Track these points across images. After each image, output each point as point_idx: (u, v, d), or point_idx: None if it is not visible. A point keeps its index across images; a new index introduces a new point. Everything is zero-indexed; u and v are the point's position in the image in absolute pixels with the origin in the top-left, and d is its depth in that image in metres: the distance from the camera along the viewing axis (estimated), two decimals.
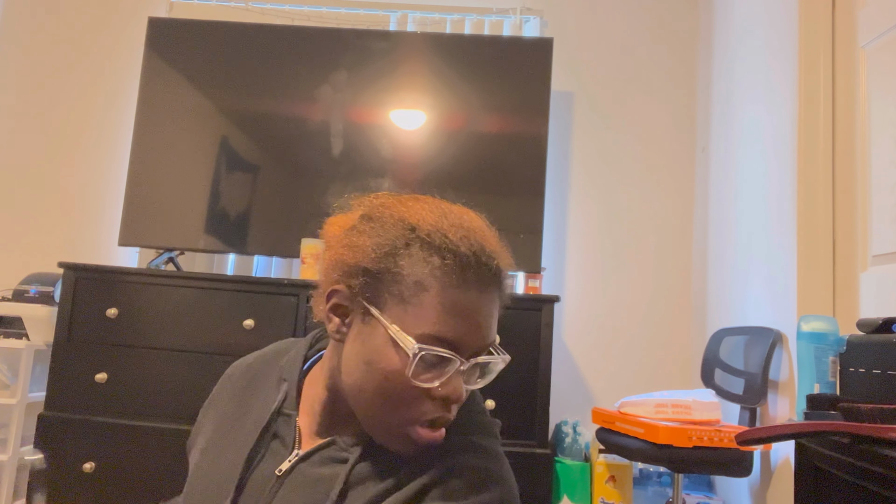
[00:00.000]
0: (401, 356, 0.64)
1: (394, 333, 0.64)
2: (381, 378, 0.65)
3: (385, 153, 2.41)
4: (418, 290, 0.65)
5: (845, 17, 1.87)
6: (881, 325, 1.24)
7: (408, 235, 0.67)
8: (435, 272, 0.65)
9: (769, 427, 1.05)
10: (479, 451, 0.70)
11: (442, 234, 0.66)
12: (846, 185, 1.82)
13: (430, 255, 0.65)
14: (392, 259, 0.66)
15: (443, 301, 0.64)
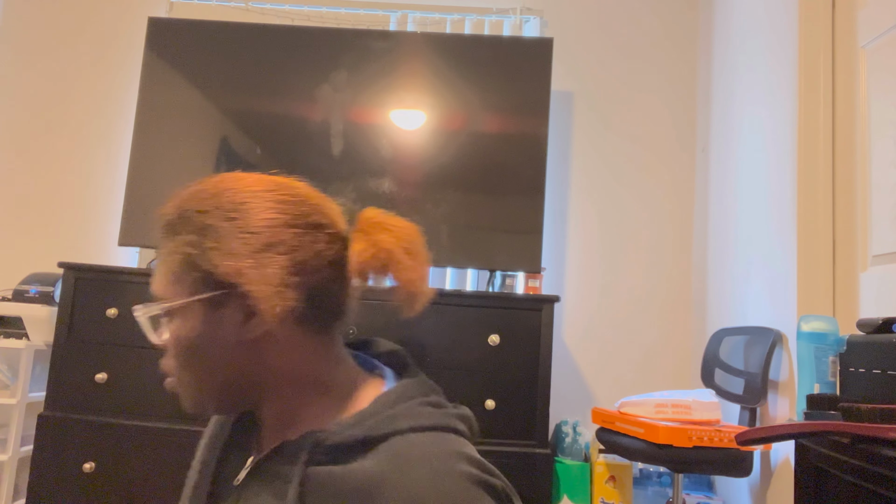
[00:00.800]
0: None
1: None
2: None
3: (385, 153, 2.41)
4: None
5: (845, 17, 1.87)
6: (881, 325, 1.24)
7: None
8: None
9: (769, 427, 1.05)
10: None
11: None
12: (846, 185, 1.82)
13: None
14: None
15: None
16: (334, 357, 0.72)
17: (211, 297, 0.65)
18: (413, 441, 0.62)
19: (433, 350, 2.04)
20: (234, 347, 0.67)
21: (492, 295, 2.10)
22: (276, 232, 0.66)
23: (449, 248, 2.34)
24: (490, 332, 2.04)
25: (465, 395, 2.01)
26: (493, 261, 2.34)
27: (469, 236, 2.35)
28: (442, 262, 2.35)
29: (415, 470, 0.59)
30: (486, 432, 2.00)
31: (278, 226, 0.67)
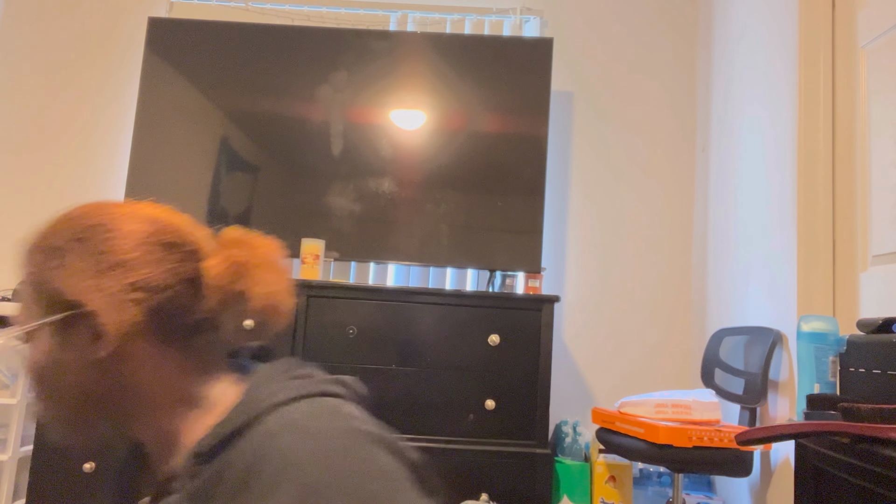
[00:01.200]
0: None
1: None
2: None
3: (385, 153, 2.41)
4: None
5: (845, 17, 1.87)
6: (881, 325, 1.24)
7: None
8: None
9: (769, 427, 1.05)
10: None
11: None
12: (846, 185, 1.82)
13: None
14: None
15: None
16: (201, 370, 0.70)
17: (60, 320, 0.65)
18: (282, 413, 0.61)
19: (433, 350, 2.04)
20: (87, 369, 0.66)
21: (492, 295, 2.10)
22: (123, 252, 0.66)
23: (449, 248, 2.34)
24: (490, 332, 2.05)
25: (465, 396, 2.01)
26: (493, 261, 2.34)
27: (469, 236, 2.35)
28: (442, 262, 2.35)
29: (289, 436, 0.57)
30: (486, 432, 2.00)
31: (127, 247, 0.67)
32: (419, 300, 2.06)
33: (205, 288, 0.69)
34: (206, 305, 0.70)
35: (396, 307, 2.06)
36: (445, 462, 1.95)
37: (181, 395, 0.69)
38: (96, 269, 0.65)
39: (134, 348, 0.67)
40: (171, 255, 0.69)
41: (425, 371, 2.03)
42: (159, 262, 0.68)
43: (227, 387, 0.71)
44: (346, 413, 0.62)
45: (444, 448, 1.97)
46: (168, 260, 0.68)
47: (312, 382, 0.66)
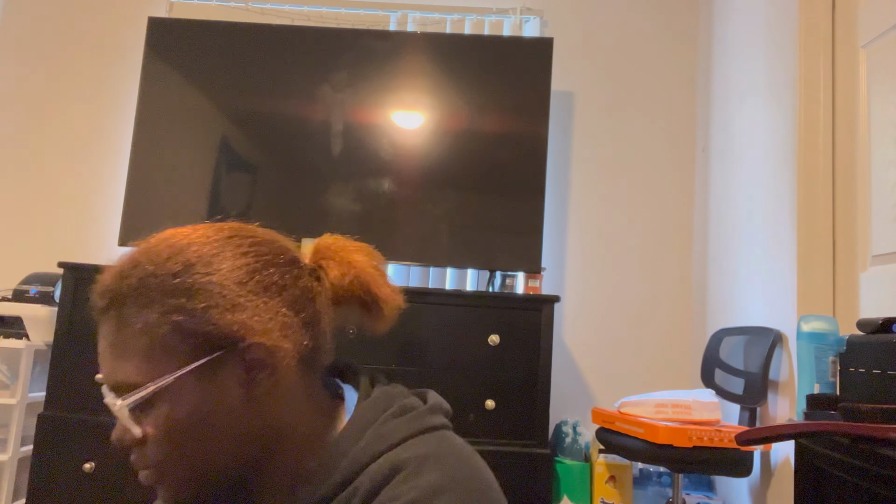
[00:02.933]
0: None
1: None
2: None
3: (385, 153, 2.41)
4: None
5: (845, 17, 1.87)
6: (881, 325, 1.24)
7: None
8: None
9: (769, 427, 1.05)
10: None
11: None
12: (846, 185, 1.82)
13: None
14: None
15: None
16: (319, 395, 0.67)
17: (207, 363, 0.59)
18: (399, 455, 0.60)
19: (433, 350, 2.04)
20: (243, 410, 0.61)
21: (492, 295, 2.10)
22: (263, 276, 0.62)
23: (449, 248, 2.34)
24: (490, 332, 2.04)
25: (465, 395, 2.01)
26: (493, 261, 2.34)
27: (469, 236, 2.35)
28: (442, 262, 2.35)
29: (419, 475, 0.57)
30: (486, 432, 2.00)
31: (261, 269, 0.63)
32: (419, 300, 2.06)
33: (329, 302, 0.67)
34: (330, 322, 0.67)
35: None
36: None
37: (314, 430, 0.65)
38: (247, 298, 0.60)
39: (288, 376, 0.62)
40: (298, 270, 0.66)
41: (425, 371, 2.03)
42: (296, 279, 0.65)
43: (331, 417, 0.67)
44: (458, 447, 0.62)
45: None
46: (301, 276, 0.65)
47: (416, 419, 0.64)
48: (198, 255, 0.62)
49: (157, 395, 0.59)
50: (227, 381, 0.60)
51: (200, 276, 0.60)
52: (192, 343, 0.59)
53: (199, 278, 0.60)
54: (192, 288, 0.60)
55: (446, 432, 0.65)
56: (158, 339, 0.59)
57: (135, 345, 0.59)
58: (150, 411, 0.59)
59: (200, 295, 0.59)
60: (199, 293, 0.59)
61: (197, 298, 0.59)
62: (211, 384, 0.60)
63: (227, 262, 0.62)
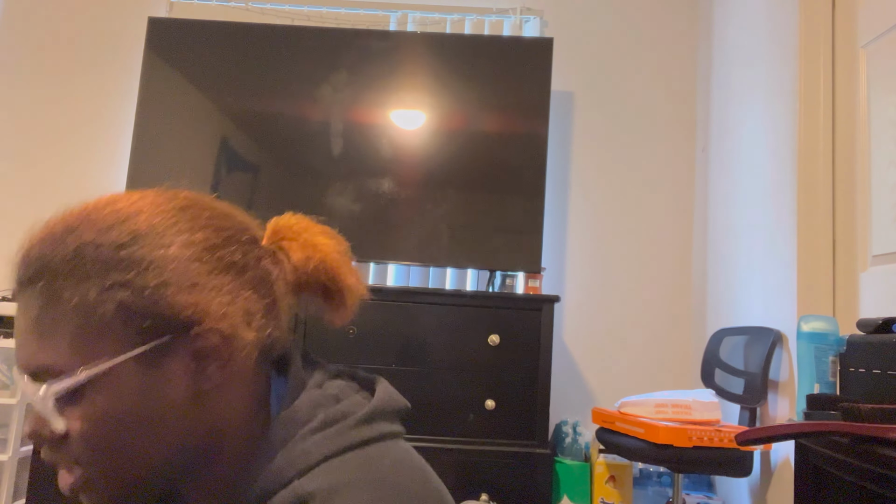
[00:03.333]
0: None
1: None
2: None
3: (385, 153, 2.41)
4: None
5: (845, 17, 1.87)
6: (881, 325, 1.24)
7: None
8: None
9: (769, 427, 1.05)
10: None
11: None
12: (846, 185, 1.82)
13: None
14: None
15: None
16: (265, 397, 0.59)
17: (151, 349, 0.50)
18: (306, 485, 0.50)
19: (433, 350, 2.04)
20: (186, 407, 0.52)
21: (492, 295, 2.10)
22: (223, 253, 0.54)
23: (449, 248, 2.34)
24: (490, 332, 2.05)
25: (465, 395, 2.01)
26: (493, 261, 2.34)
27: (469, 236, 2.35)
28: (442, 262, 2.35)
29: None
30: (486, 432, 2.00)
31: (221, 245, 0.54)
32: (419, 300, 2.06)
33: (288, 289, 0.58)
34: (285, 313, 0.58)
35: (396, 307, 2.06)
36: (445, 462, 1.95)
37: (253, 431, 0.56)
38: (209, 276, 0.52)
39: (236, 375, 0.54)
40: (259, 250, 0.58)
41: (425, 371, 2.03)
42: (257, 260, 0.56)
43: (260, 416, 0.58)
44: (382, 470, 0.51)
45: (444, 448, 1.97)
46: (263, 257, 0.57)
47: (344, 431, 0.54)
48: (149, 225, 0.53)
49: (89, 383, 0.50)
50: (173, 372, 0.51)
51: (151, 248, 0.51)
52: (137, 325, 0.50)
53: (149, 251, 0.51)
54: (142, 262, 0.51)
55: (380, 446, 0.54)
56: (96, 318, 0.50)
57: (65, 324, 0.50)
58: (78, 402, 0.50)
59: (151, 270, 0.50)
60: (149, 268, 0.50)
61: (147, 274, 0.50)
62: (153, 374, 0.51)
63: (182, 234, 0.53)
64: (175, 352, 0.52)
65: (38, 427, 0.51)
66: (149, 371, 0.51)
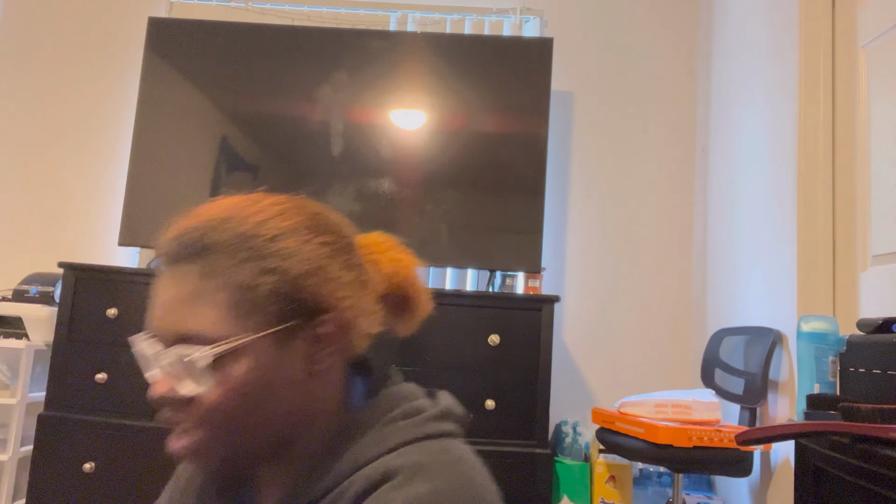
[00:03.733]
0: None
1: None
2: None
3: (385, 153, 2.41)
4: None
5: (845, 17, 1.87)
6: (881, 325, 1.24)
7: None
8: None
9: (769, 427, 1.05)
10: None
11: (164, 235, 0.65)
12: (846, 185, 1.82)
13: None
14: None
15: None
16: (348, 387, 0.67)
17: (286, 329, 0.58)
18: (393, 461, 0.57)
19: (433, 350, 2.04)
20: (299, 384, 0.60)
21: (492, 295, 2.10)
22: (347, 257, 0.62)
23: (449, 248, 2.34)
24: (490, 332, 2.05)
25: (465, 395, 2.01)
26: (493, 261, 2.34)
27: (469, 236, 2.35)
28: (442, 262, 2.35)
29: (404, 488, 0.54)
30: (487, 432, 2.00)
31: (345, 249, 0.63)
32: None
33: (376, 296, 0.67)
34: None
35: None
36: None
37: (337, 422, 0.63)
38: (346, 272, 0.61)
39: (338, 364, 0.63)
40: (359, 258, 0.66)
41: (425, 371, 2.03)
42: (371, 264, 0.66)
43: (341, 403, 0.65)
44: (457, 457, 0.58)
45: None
46: (361, 264, 0.66)
47: (421, 423, 0.62)
48: (294, 224, 0.61)
49: (232, 352, 0.57)
50: (295, 352, 0.59)
51: (297, 243, 0.59)
52: (278, 307, 0.58)
53: (295, 245, 0.59)
54: (290, 253, 0.58)
55: (450, 441, 0.61)
56: (248, 297, 0.57)
57: (220, 299, 0.57)
58: (219, 368, 0.57)
59: (296, 261, 0.58)
60: (295, 259, 0.58)
61: (293, 264, 0.58)
62: (281, 351, 0.58)
63: (320, 235, 0.61)
64: (300, 334, 0.59)
65: (167, 389, 0.57)
66: (278, 348, 0.58)
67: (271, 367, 0.58)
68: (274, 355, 0.58)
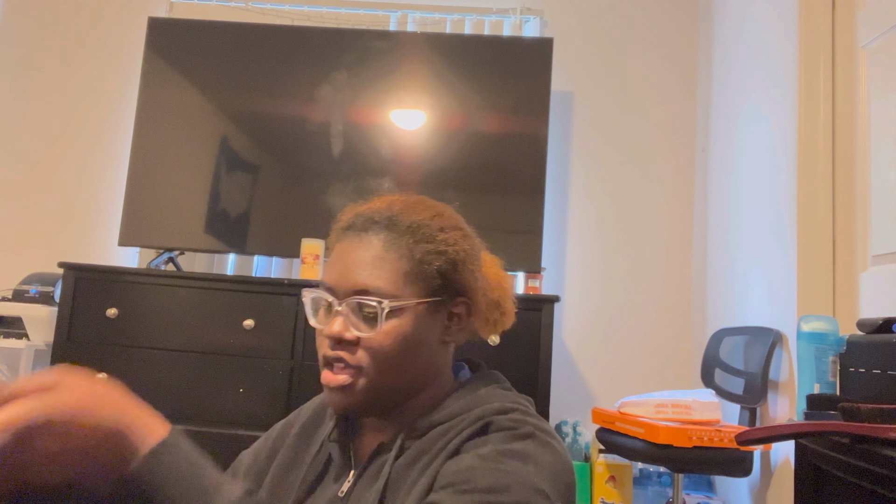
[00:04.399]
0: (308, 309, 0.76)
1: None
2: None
3: (385, 153, 2.41)
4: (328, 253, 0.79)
5: (845, 17, 1.87)
6: (881, 325, 1.25)
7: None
8: (332, 237, 0.79)
9: (769, 427, 1.05)
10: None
11: (349, 212, 0.79)
12: (846, 185, 1.82)
13: (336, 226, 0.79)
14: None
15: (328, 254, 0.78)
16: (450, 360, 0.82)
17: (437, 301, 0.74)
18: (513, 404, 0.75)
19: None
20: (433, 346, 0.75)
21: None
22: (481, 258, 0.81)
23: None
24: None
25: None
26: None
27: None
28: None
29: (522, 442, 0.69)
30: None
31: (479, 248, 0.81)
32: None
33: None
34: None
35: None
36: None
37: (445, 382, 0.79)
38: (480, 261, 0.80)
39: (457, 338, 0.78)
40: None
41: None
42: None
43: (450, 380, 0.81)
44: (546, 429, 0.74)
45: None
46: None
47: (520, 398, 0.80)
48: (453, 223, 0.78)
49: (401, 309, 0.71)
50: (436, 321, 0.75)
51: (457, 237, 0.76)
52: (439, 283, 0.74)
53: (456, 237, 0.76)
54: (453, 243, 0.75)
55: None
56: (419, 269, 0.73)
57: (399, 265, 0.72)
58: (389, 319, 0.71)
59: (457, 251, 0.75)
60: (456, 248, 0.75)
61: (454, 251, 0.74)
62: (429, 318, 0.74)
63: (468, 237, 0.78)
64: (442, 308, 0.75)
65: (343, 330, 0.71)
66: (428, 315, 0.74)
67: (421, 328, 0.73)
68: (425, 319, 0.73)
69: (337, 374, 0.71)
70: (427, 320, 0.73)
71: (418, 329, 0.72)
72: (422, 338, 0.73)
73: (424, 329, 0.73)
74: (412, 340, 0.72)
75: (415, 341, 0.72)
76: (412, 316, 0.72)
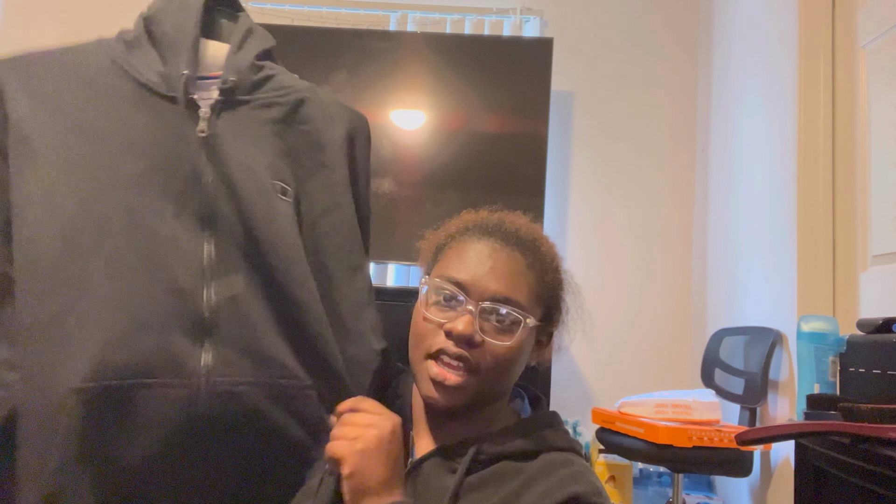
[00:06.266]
0: (423, 295, 0.81)
1: (425, 280, 0.82)
2: (414, 317, 0.82)
3: (385, 153, 2.41)
4: (448, 243, 0.83)
5: (845, 17, 1.87)
6: (881, 325, 1.25)
7: (458, 223, 0.88)
8: (461, 228, 0.84)
9: (769, 427, 1.05)
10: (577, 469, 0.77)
11: (477, 217, 0.87)
12: (846, 185, 1.82)
13: (461, 223, 0.86)
14: (444, 235, 0.87)
15: (458, 249, 0.81)
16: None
17: (541, 326, 0.81)
18: (566, 456, 0.78)
19: None
20: (522, 363, 0.81)
21: None
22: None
23: None
24: None
25: None
26: None
27: None
28: None
29: (566, 470, 0.75)
30: None
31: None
32: None
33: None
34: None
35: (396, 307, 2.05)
36: None
37: (506, 403, 0.85)
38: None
39: (530, 363, 0.85)
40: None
41: None
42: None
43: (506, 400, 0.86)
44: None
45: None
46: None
47: (574, 440, 0.82)
48: (560, 261, 0.88)
49: (525, 325, 0.77)
50: (530, 343, 0.81)
51: (565, 275, 0.88)
52: (548, 309, 0.82)
53: (565, 276, 0.88)
54: (565, 279, 0.87)
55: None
56: (547, 295, 0.81)
57: (535, 286, 0.79)
58: (514, 331, 0.76)
59: (565, 286, 0.86)
60: (565, 284, 0.86)
61: (564, 287, 0.86)
62: (533, 339, 0.81)
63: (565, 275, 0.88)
64: (539, 334, 0.82)
65: (472, 332, 0.74)
66: (533, 336, 0.81)
67: (527, 347, 0.79)
68: (531, 339, 0.80)
69: (454, 373, 0.75)
70: (531, 340, 0.80)
71: (525, 346, 0.79)
72: (523, 355, 0.79)
73: (527, 348, 0.80)
74: (523, 357, 0.79)
75: (523, 358, 0.79)
76: (528, 334, 0.78)
